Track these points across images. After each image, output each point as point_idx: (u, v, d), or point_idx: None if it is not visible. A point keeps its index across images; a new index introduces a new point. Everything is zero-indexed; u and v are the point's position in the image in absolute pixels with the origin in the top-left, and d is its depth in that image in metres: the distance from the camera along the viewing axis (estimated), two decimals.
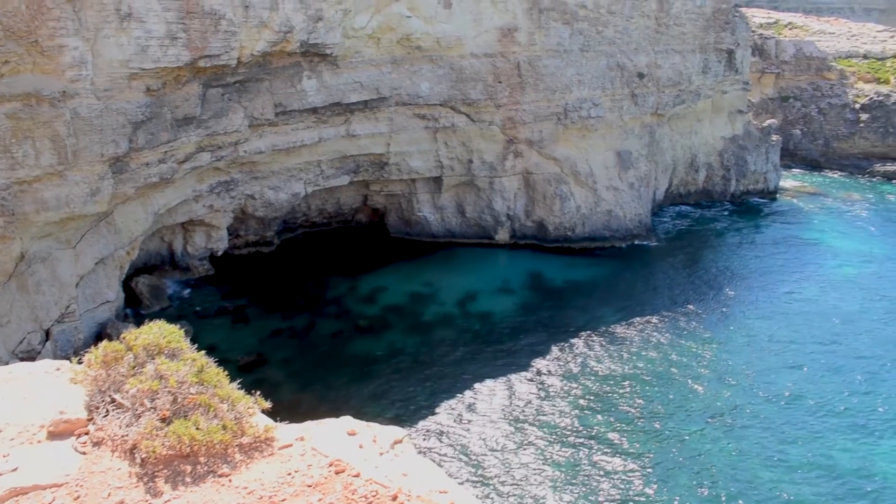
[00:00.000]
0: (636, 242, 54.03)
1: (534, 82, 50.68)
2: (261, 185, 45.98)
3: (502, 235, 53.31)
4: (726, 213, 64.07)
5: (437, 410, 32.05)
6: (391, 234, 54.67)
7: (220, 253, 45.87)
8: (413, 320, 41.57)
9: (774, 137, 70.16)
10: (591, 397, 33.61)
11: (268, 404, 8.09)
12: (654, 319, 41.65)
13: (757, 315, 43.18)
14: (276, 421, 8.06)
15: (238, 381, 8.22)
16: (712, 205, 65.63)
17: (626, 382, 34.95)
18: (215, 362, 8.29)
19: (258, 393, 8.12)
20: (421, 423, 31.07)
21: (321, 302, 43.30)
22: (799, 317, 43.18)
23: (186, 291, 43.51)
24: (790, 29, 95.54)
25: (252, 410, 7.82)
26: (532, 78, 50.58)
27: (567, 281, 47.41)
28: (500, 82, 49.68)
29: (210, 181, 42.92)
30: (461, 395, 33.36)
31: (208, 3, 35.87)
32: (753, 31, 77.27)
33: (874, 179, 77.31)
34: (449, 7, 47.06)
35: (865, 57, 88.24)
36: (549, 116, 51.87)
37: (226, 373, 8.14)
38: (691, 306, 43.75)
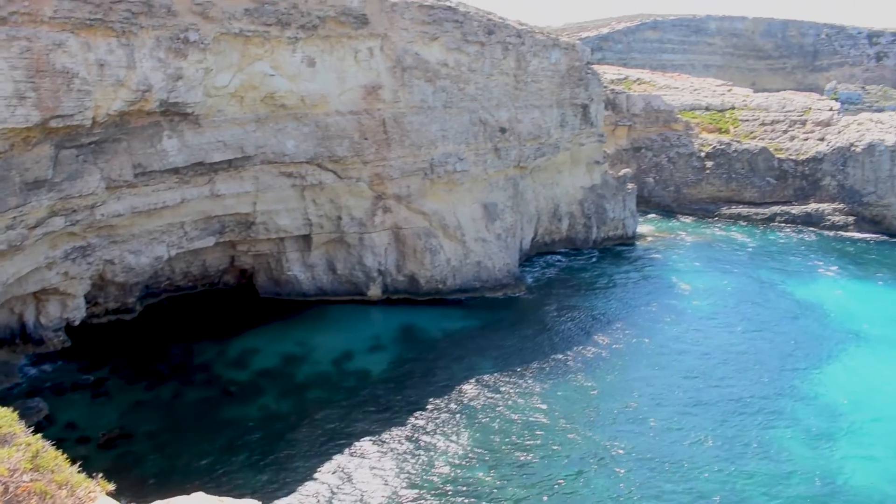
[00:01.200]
0: (506, 293, 55.23)
1: (399, 138, 51.42)
2: (120, 250, 44.04)
3: (374, 291, 53.22)
4: (593, 259, 66.75)
5: (312, 475, 31.16)
6: (260, 294, 53.51)
7: (76, 323, 43.40)
8: (286, 382, 40.57)
9: (630, 186, 74.05)
10: (468, 449, 33.67)
11: (111, 486, 7.66)
12: (526, 367, 42.43)
13: (624, 356, 44.76)
14: (121, 502, 7.64)
15: (79, 463, 7.76)
16: (578, 253, 68.29)
17: (502, 432, 35.27)
18: (72, 441, 7.83)
19: (100, 475, 7.69)
20: (295, 491, 30.09)
21: (187, 369, 41.61)
22: (664, 355, 45.14)
23: (40, 366, 40.78)
24: (639, 84, 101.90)
25: (94, 495, 7.38)
26: (398, 134, 51.32)
27: (440, 333, 47.72)
28: (366, 139, 50.10)
29: (64, 247, 40.75)
30: (336, 458, 32.63)
31: (60, 61, 34.60)
32: (606, 87, 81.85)
33: (721, 221, 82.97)
34: (313, 65, 47.29)
35: (707, 109, 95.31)
36: (415, 171, 52.63)
37: (65, 456, 7.66)
38: (561, 352, 44.88)
